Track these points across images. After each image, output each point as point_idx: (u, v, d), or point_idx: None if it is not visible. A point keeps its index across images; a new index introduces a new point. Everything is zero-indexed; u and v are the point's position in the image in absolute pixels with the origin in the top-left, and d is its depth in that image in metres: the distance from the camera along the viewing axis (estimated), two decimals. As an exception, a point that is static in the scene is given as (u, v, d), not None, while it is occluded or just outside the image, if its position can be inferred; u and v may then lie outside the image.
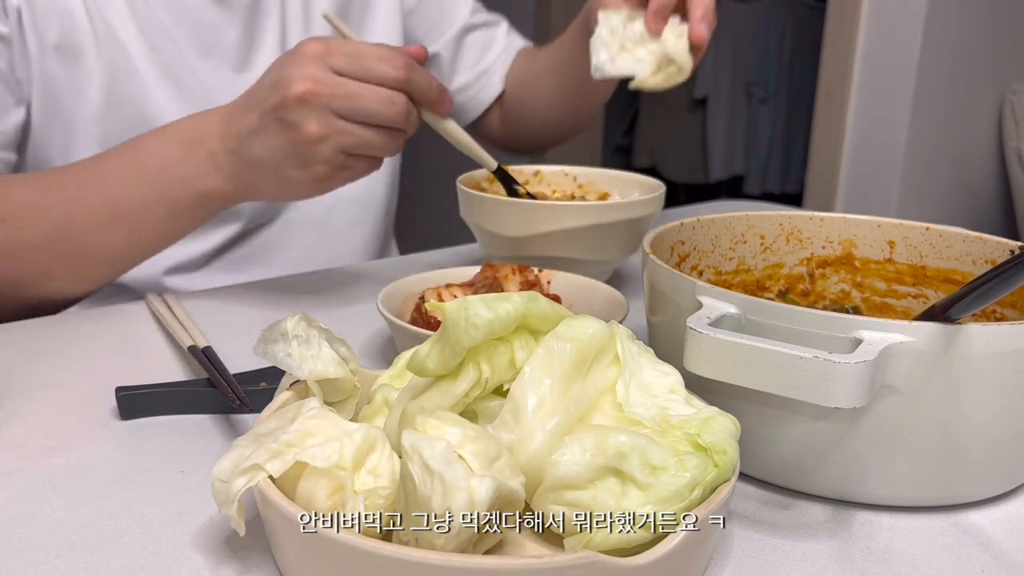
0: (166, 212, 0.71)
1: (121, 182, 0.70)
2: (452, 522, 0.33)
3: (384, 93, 0.64)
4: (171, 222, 0.72)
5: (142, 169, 0.70)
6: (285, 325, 0.44)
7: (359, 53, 0.64)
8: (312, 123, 0.63)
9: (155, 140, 0.71)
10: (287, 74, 0.64)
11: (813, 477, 0.46)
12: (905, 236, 0.61)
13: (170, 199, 0.70)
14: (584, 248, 0.75)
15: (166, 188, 0.69)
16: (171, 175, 0.69)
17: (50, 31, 0.80)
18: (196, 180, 0.69)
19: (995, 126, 2.47)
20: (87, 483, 0.47)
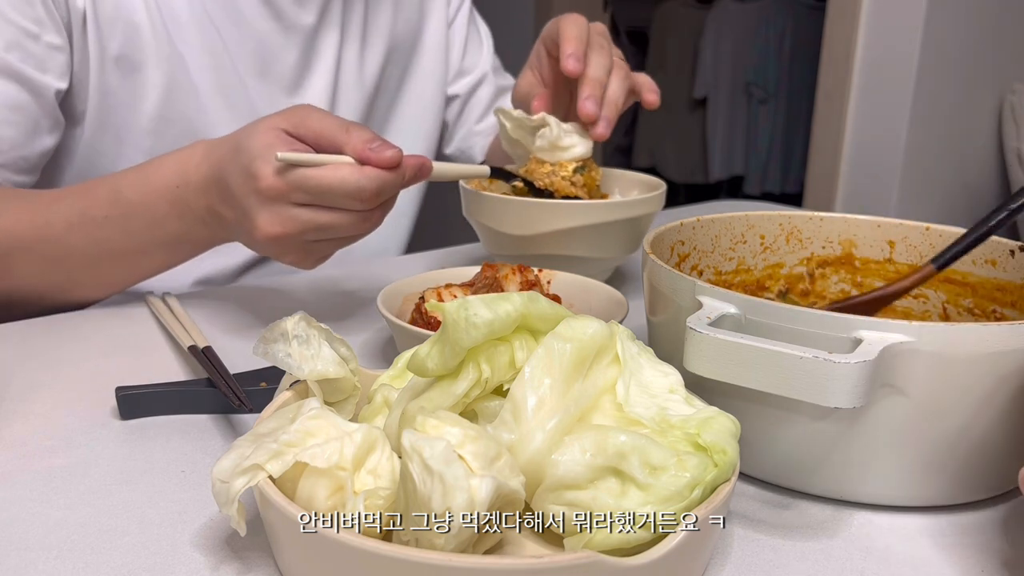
0: (164, 254, 0.71)
1: (112, 231, 0.69)
2: (452, 522, 0.33)
3: (357, 216, 0.61)
4: (167, 256, 0.72)
5: (132, 220, 0.68)
6: (285, 325, 0.44)
7: (322, 189, 0.59)
8: (288, 255, 0.64)
9: (139, 193, 0.68)
10: (251, 210, 0.60)
11: (813, 477, 0.46)
12: (905, 236, 0.61)
13: (165, 242, 0.69)
14: (585, 247, 0.75)
15: (160, 238, 0.69)
16: (166, 228, 0.68)
17: (113, 41, 0.80)
18: (189, 231, 0.68)
19: (995, 126, 2.47)
20: (87, 483, 0.47)
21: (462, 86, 1.11)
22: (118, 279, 0.73)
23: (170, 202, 0.67)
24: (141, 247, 0.70)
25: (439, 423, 0.36)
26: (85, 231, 0.69)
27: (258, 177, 0.59)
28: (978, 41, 2.28)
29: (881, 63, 2.18)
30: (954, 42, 2.20)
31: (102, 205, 0.69)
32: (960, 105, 2.32)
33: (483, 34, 1.14)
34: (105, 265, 0.71)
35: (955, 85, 2.26)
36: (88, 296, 0.75)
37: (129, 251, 0.70)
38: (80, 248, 0.69)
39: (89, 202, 0.69)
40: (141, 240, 0.69)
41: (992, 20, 2.29)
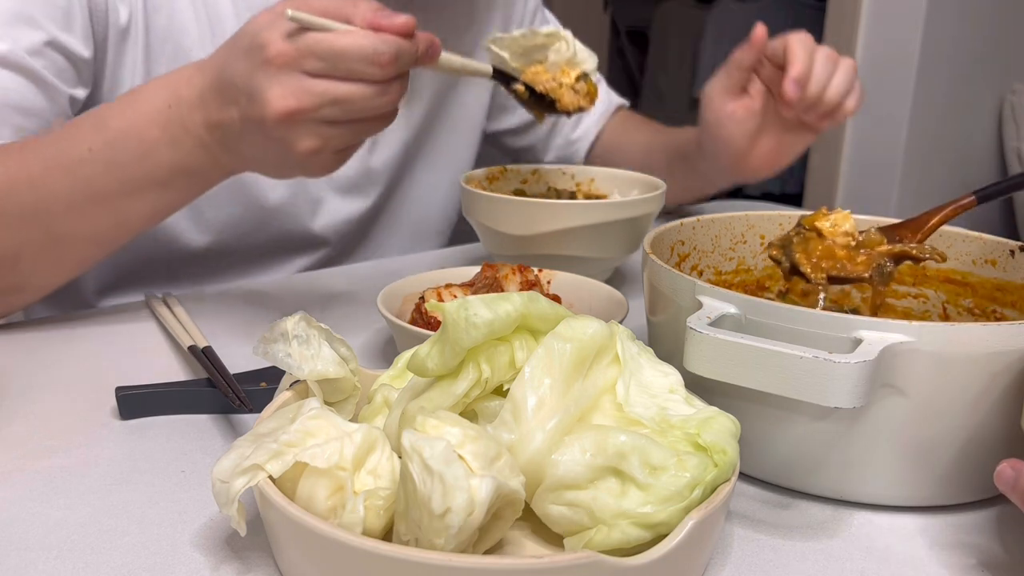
0: (156, 190, 0.63)
1: (96, 168, 0.61)
2: (452, 522, 0.33)
3: (374, 88, 0.57)
4: (162, 198, 0.64)
5: (119, 152, 0.61)
6: (285, 325, 0.44)
7: (336, 54, 0.55)
8: (303, 140, 0.58)
9: (126, 120, 0.61)
10: (260, 86, 0.56)
11: (813, 477, 0.46)
12: (905, 236, 0.61)
13: (159, 179, 0.62)
14: (585, 246, 0.75)
15: (152, 169, 0.62)
16: (157, 159, 0.61)
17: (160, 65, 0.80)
18: (186, 161, 0.62)
19: (995, 126, 2.47)
20: (87, 483, 0.47)
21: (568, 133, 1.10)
22: (105, 231, 0.65)
23: (161, 125, 0.60)
24: (130, 185, 0.62)
25: (439, 423, 0.36)
26: (66, 170, 0.61)
27: (265, 46, 0.55)
28: (978, 41, 2.28)
29: (881, 63, 2.18)
30: (954, 42, 2.20)
31: (84, 138, 0.62)
32: (960, 105, 2.32)
33: None
34: (89, 212, 0.63)
35: (955, 85, 2.27)
36: (71, 258, 0.66)
37: (116, 192, 0.62)
38: (61, 193, 0.61)
39: (70, 138, 0.62)
40: (130, 176, 0.62)
41: (992, 20, 2.29)
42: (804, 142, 0.89)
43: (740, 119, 0.86)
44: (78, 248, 0.65)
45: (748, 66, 0.85)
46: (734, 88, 0.87)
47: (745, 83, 0.87)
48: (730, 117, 0.87)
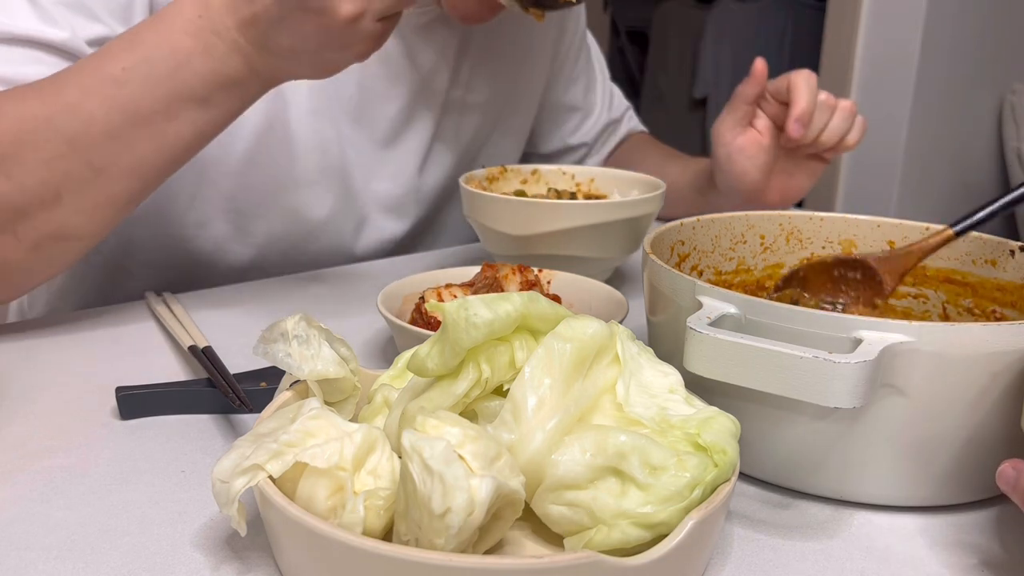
0: (194, 108, 0.61)
1: (132, 87, 0.59)
2: (452, 522, 0.33)
3: None
4: (202, 117, 0.62)
5: (154, 66, 0.59)
6: (285, 325, 0.44)
7: None
8: (345, 3, 0.56)
9: (156, 34, 0.60)
10: None
11: (813, 477, 0.46)
12: (905, 236, 0.61)
13: (196, 94, 0.61)
14: (585, 247, 0.75)
15: (189, 83, 0.60)
16: (192, 70, 0.60)
17: None
18: (222, 70, 0.60)
19: (995, 126, 2.47)
20: (87, 483, 0.47)
21: (588, 133, 1.12)
22: (146, 158, 0.62)
23: (192, 35, 0.59)
24: (167, 102, 0.60)
25: (439, 423, 0.36)
26: (102, 93, 0.59)
27: None
28: (978, 41, 2.28)
29: (881, 63, 2.18)
30: (954, 42, 2.20)
31: (118, 57, 0.60)
32: (960, 105, 2.32)
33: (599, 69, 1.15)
34: (128, 135, 0.60)
35: (955, 85, 2.27)
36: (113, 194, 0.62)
37: (154, 111, 0.60)
38: (99, 117, 0.59)
39: (104, 59, 0.60)
40: (166, 91, 0.60)
41: (992, 20, 2.29)
42: (815, 172, 0.91)
43: (751, 154, 0.88)
44: (120, 181, 0.62)
45: (752, 99, 0.87)
46: (741, 123, 0.89)
47: (751, 117, 0.89)
48: (740, 152, 0.88)
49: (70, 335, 0.67)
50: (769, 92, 0.86)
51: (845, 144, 0.86)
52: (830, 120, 0.84)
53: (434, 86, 0.92)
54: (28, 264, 0.62)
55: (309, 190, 0.88)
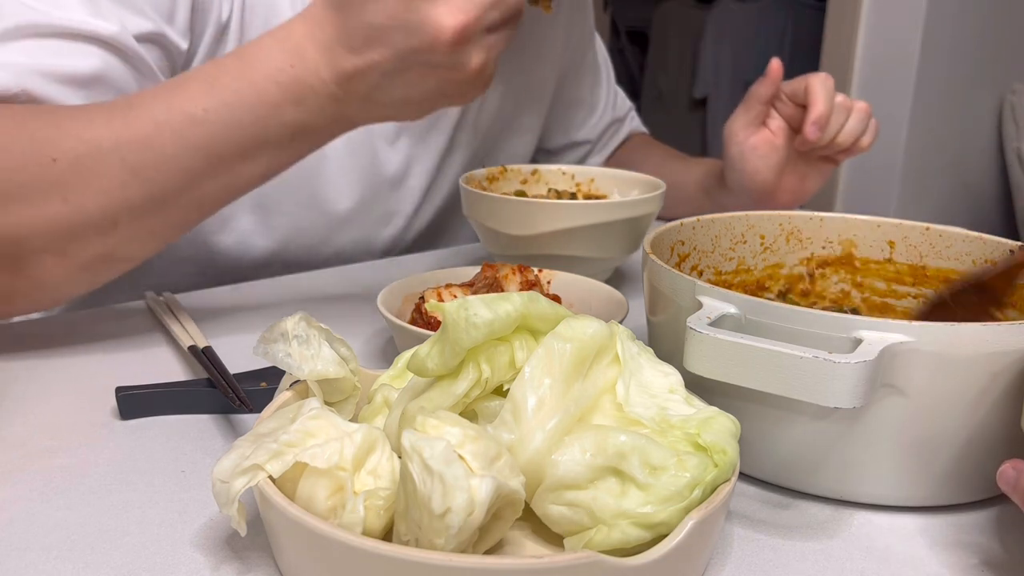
0: (272, 150, 0.60)
1: (212, 128, 0.58)
2: (452, 522, 0.33)
3: None
4: (278, 158, 0.61)
5: (236, 112, 0.58)
6: (285, 325, 0.44)
7: None
8: (474, 57, 0.55)
9: (240, 79, 0.58)
10: (423, 13, 0.53)
11: (813, 477, 0.46)
12: (905, 236, 0.61)
13: (278, 139, 0.59)
14: (585, 247, 0.75)
15: (272, 130, 0.58)
16: (279, 119, 0.58)
17: None
18: (309, 120, 0.59)
19: (995, 126, 2.47)
20: (87, 483, 0.47)
21: (592, 130, 1.13)
22: (211, 194, 0.61)
23: (284, 85, 0.57)
24: (245, 147, 0.59)
25: (439, 423, 0.36)
26: (177, 131, 0.57)
27: None
28: (978, 41, 2.28)
29: (881, 63, 2.18)
30: (954, 42, 2.20)
31: (198, 98, 0.58)
32: (960, 105, 2.32)
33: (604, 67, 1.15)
34: (198, 174, 0.59)
35: (955, 85, 2.27)
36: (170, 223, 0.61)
37: (230, 154, 0.59)
38: (169, 152, 0.57)
39: (181, 97, 0.58)
40: (247, 136, 0.58)
41: (992, 20, 2.29)
42: (825, 174, 0.92)
43: (764, 153, 0.89)
44: (179, 213, 0.61)
45: (766, 99, 0.88)
46: (755, 122, 0.89)
47: (764, 117, 0.89)
48: (753, 151, 0.89)
49: (70, 335, 0.67)
50: (785, 93, 0.87)
51: (859, 146, 0.86)
52: (846, 122, 0.84)
53: None
54: (73, 281, 0.61)
55: (335, 183, 0.88)
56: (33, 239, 0.57)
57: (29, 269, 0.58)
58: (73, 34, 0.64)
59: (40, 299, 0.61)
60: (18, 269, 0.58)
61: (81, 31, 0.64)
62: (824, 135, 0.83)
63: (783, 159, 0.89)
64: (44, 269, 0.58)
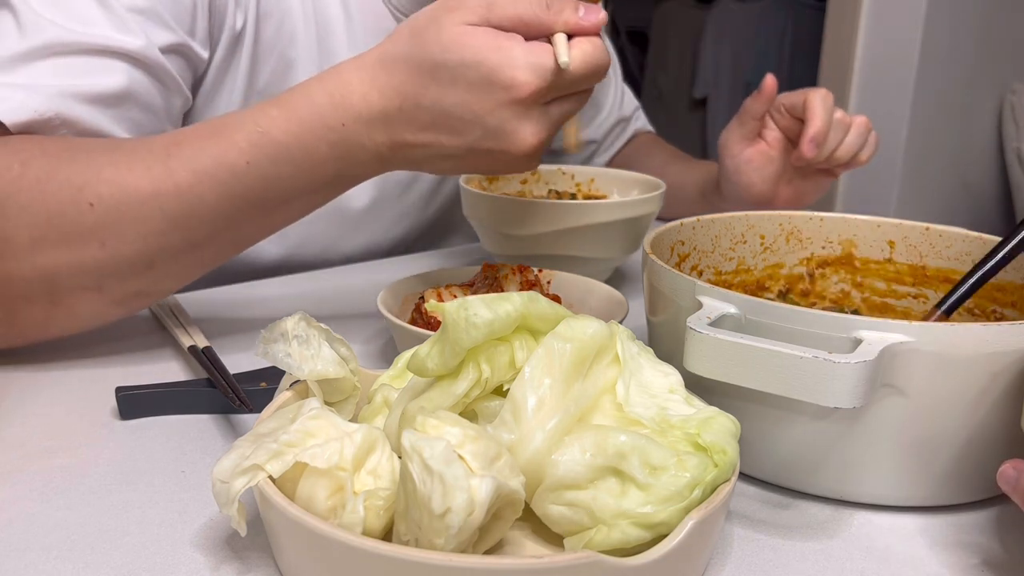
0: (308, 197, 0.60)
1: (254, 180, 0.57)
2: (452, 522, 0.33)
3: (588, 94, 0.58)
4: (312, 203, 0.61)
5: (280, 166, 0.57)
6: (285, 325, 0.44)
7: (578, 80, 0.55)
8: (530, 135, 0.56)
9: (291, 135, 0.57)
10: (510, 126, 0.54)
11: (813, 477, 0.46)
12: (905, 236, 0.61)
13: (316, 188, 0.59)
14: (585, 247, 0.75)
15: (315, 183, 0.58)
16: (323, 173, 0.58)
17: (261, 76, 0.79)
18: (353, 172, 0.59)
19: (995, 126, 2.47)
20: (87, 483, 0.47)
21: (598, 129, 1.12)
22: (248, 235, 0.61)
23: (332, 143, 0.57)
24: (286, 196, 0.58)
25: (439, 423, 0.36)
26: (219, 181, 0.56)
27: (516, 86, 0.52)
28: (978, 41, 2.28)
29: (881, 63, 2.18)
30: (954, 42, 2.20)
31: (240, 149, 0.56)
32: (960, 105, 2.32)
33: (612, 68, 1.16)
34: (237, 220, 0.59)
35: (955, 85, 2.27)
36: (205, 263, 0.61)
37: (271, 201, 0.58)
38: (209, 201, 0.57)
39: (223, 147, 0.57)
40: (289, 187, 0.58)
41: (992, 20, 2.29)
42: (823, 186, 0.92)
43: (758, 165, 0.88)
44: (215, 253, 0.61)
45: (760, 115, 0.88)
46: (749, 135, 0.89)
47: (759, 130, 0.89)
48: (748, 163, 0.89)
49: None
50: (784, 106, 0.86)
51: (857, 160, 0.86)
52: (844, 138, 0.84)
53: None
54: (108, 314, 0.61)
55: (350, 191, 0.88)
56: (70, 279, 0.57)
57: (65, 304, 0.58)
58: (100, 51, 0.64)
59: (72, 328, 0.61)
60: (54, 304, 0.58)
61: (108, 47, 0.64)
62: (821, 152, 0.83)
63: (779, 171, 0.89)
64: (80, 304, 0.59)
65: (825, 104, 0.82)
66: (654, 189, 0.82)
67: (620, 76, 1.18)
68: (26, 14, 0.62)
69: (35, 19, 0.62)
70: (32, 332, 0.60)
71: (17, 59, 0.61)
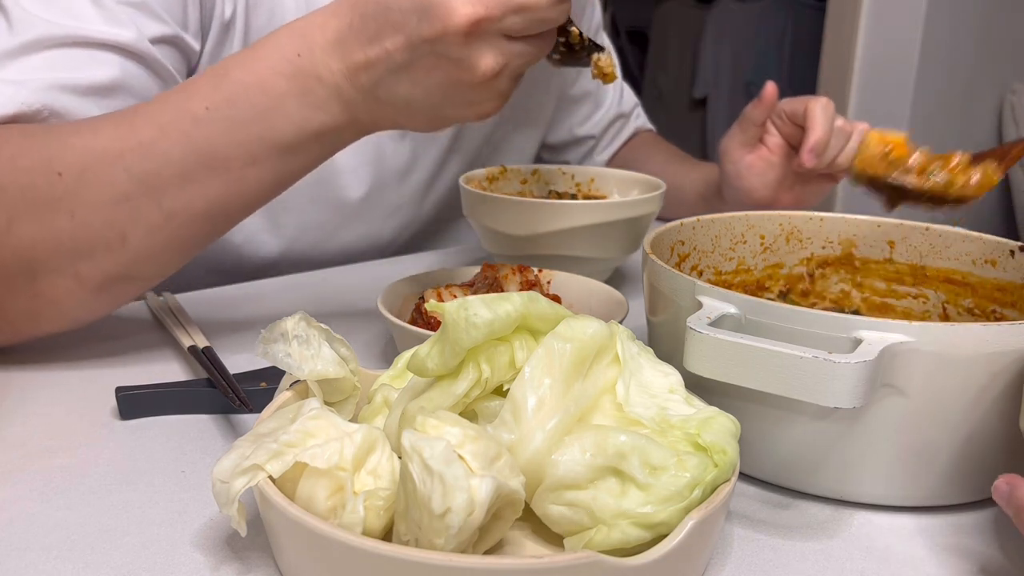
0: (279, 154, 0.57)
1: (215, 127, 0.55)
2: (452, 522, 0.33)
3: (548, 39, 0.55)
4: (286, 164, 0.58)
5: (240, 108, 0.55)
6: (285, 325, 0.44)
7: None
8: (486, 56, 0.52)
9: (246, 71, 0.55)
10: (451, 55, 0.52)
11: (813, 477, 0.46)
12: (905, 236, 0.61)
13: (284, 141, 0.56)
14: (585, 247, 0.75)
15: (278, 128, 0.56)
16: (284, 114, 0.55)
17: None
18: (317, 117, 0.56)
19: (995, 126, 2.47)
20: (87, 483, 0.47)
21: (596, 125, 1.12)
22: (221, 203, 0.58)
23: (289, 76, 0.55)
24: (251, 148, 0.56)
25: (439, 423, 0.36)
26: (181, 133, 0.55)
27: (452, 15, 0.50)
28: (978, 41, 2.28)
29: (881, 63, 2.18)
30: (954, 42, 2.20)
31: (202, 96, 0.55)
32: (960, 105, 2.32)
33: None
34: (205, 180, 0.56)
35: (955, 85, 2.27)
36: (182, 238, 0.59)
37: (235, 156, 0.56)
38: (175, 159, 0.55)
39: (186, 97, 0.56)
40: (251, 136, 0.56)
41: (992, 20, 2.29)
42: (824, 190, 0.92)
43: (759, 171, 0.89)
44: (191, 226, 0.58)
45: (761, 121, 0.88)
46: (750, 141, 0.90)
47: (760, 136, 0.89)
48: (749, 169, 0.89)
49: (70, 335, 0.67)
50: (785, 112, 0.87)
51: None
52: (845, 145, 0.84)
53: None
54: (94, 306, 0.60)
55: (344, 178, 0.88)
56: (43, 258, 0.56)
57: (43, 290, 0.57)
58: (91, 43, 0.64)
59: (62, 321, 0.60)
60: (34, 292, 0.57)
61: (99, 40, 0.64)
62: (822, 160, 0.83)
63: (780, 176, 0.89)
64: (58, 290, 0.57)
65: (826, 113, 0.82)
66: (654, 189, 0.82)
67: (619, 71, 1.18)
68: (16, 12, 0.62)
69: (25, 16, 0.62)
70: (23, 326, 0.60)
71: (6, 56, 0.61)
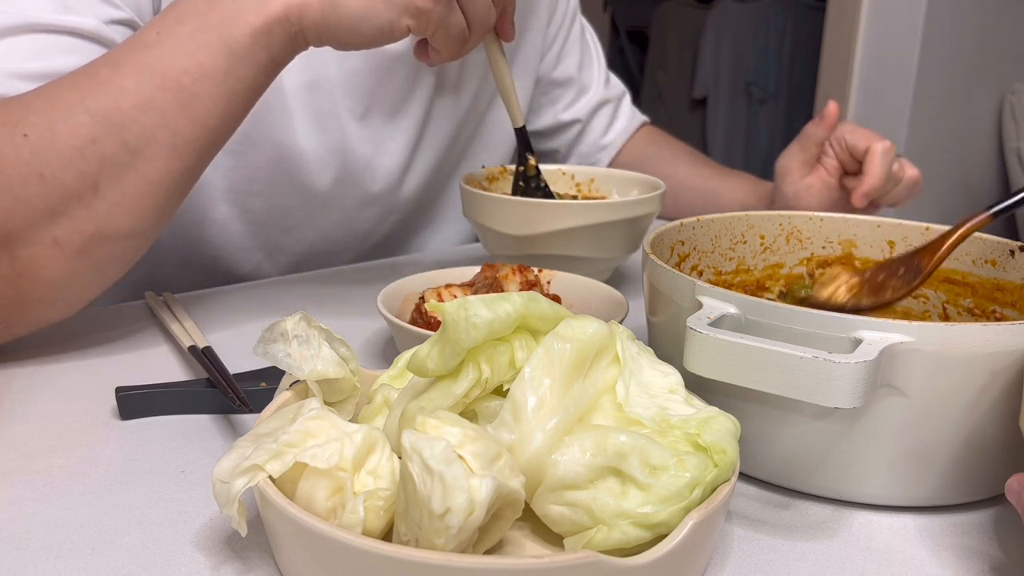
0: (224, 64, 0.58)
1: (163, 45, 0.57)
2: (452, 522, 0.33)
3: None
4: (233, 79, 0.59)
5: (187, 23, 0.58)
6: (285, 325, 0.44)
7: None
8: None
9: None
10: None
11: (813, 477, 0.46)
12: (905, 236, 0.61)
13: (225, 45, 0.58)
14: (585, 247, 0.75)
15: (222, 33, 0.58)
16: (220, 13, 0.58)
17: None
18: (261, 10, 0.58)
19: (995, 126, 2.47)
20: (87, 483, 0.47)
21: (581, 109, 1.12)
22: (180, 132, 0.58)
23: None
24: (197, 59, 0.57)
25: (439, 423, 0.36)
26: (133, 61, 0.57)
27: None
28: (978, 41, 2.28)
29: (881, 63, 2.18)
30: (954, 42, 2.20)
31: (154, 24, 0.58)
32: (960, 105, 2.32)
33: (594, 47, 1.15)
34: (159, 103, 0.57)
35: (955, 85, 2.27)
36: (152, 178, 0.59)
37: (184, 71, 0.57)
38: (129, 87, 0.57)
39: (141, 31, 0.59)
40: (197, 45, 0.57)
41: (992, 20, 2.29)
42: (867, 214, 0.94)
43: (818, 192, 0.91)
44: (157, 162, 0.58)
45: (821, 141, 0.90)
46: (810, 162, 0.91)
47: (818, 156, 0.91)
48: (808, 190, 0.91)
49: (70, 335, 0.67)
50: (847, 142, 0.88)
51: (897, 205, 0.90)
52: (894, 189, 0.86)
53: None
54: (78, 273, 0.59)
55: (307, 162, 0.88)
56: (19, 230, 0.56)
57: (24, 266, 0.57)
58: (49, 29, 0.64)
59: (50, 301, 0.60)
60: (15, 271, 0.57)
61: (57, 26, 0.64)
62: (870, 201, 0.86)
63: (835, 198, 0.91)
64: (38, 262, 0.57)
65: (885, 159, 0.84)
66: (654, 189, 0.82)
67: (603, 60, 1.17)
68: None
69: None
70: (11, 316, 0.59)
71: None
